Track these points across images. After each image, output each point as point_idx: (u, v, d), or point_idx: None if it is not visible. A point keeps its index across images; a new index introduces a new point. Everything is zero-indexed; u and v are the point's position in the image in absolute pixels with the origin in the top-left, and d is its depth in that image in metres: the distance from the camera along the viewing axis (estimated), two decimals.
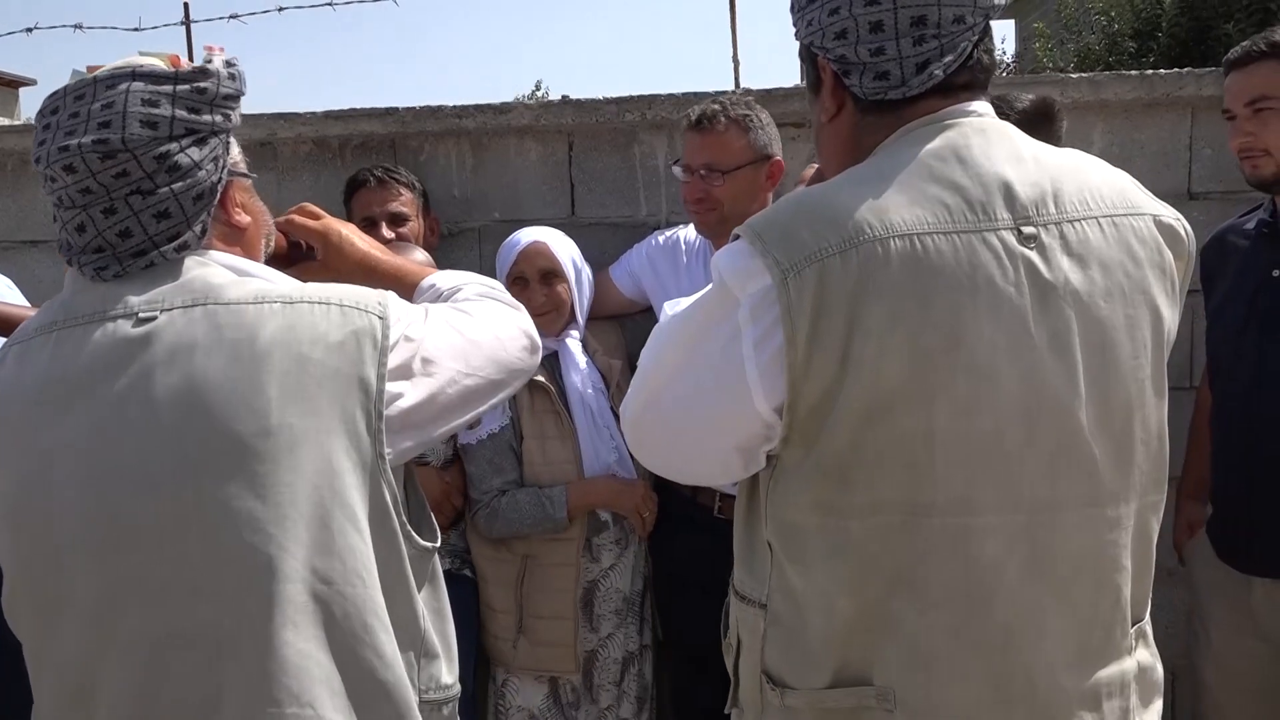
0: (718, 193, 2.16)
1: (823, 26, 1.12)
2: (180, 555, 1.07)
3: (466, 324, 1.25)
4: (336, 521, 1.09)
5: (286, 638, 1.06)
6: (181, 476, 1.06)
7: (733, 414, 1.10)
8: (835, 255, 1.02)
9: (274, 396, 1.07)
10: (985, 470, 1.05)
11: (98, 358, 1.10)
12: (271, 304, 1.11)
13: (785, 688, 1.13)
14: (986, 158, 1.09)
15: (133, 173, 1.10)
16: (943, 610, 1.07)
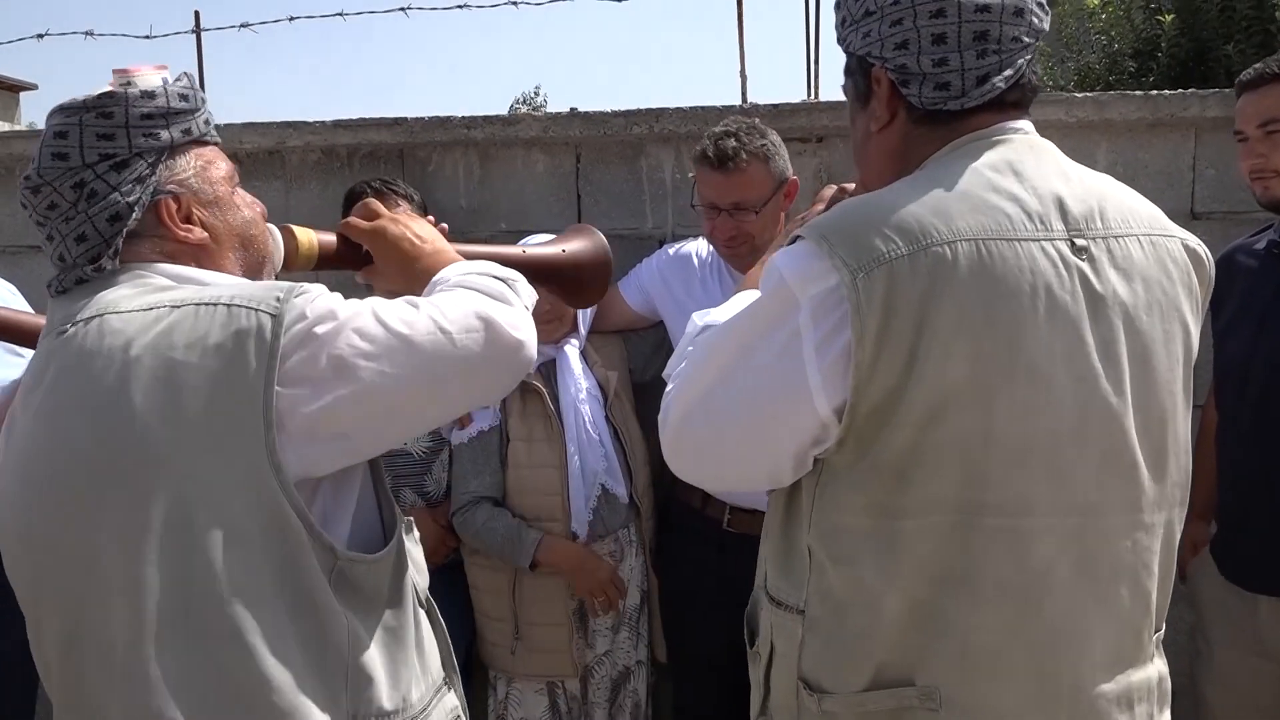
0: (749, 228, 2.17)
1: (883, 37, 1.15)
2: (70, 563, 1.08)
3: (403, 316, 1.15)
4: (211, 535, 1.06)
5: (149, 654, 1.05)
6: (64, 487, 1.08)
7: (790, 416, 1.10)
8: (904, 258, 1.05)
9: (139, 405, 1.06)
10: (1040, 472, 1.08)
11: (34, 370, 1.16)
12: (160, 309, 1.10)
13: (823, 693, 1.14)
14: (1039, 173, 1.14)
15: (59, 203, 1.16)
16: (994, 609, 1.09)
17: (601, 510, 2.30)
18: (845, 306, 1.05)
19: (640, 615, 2.39)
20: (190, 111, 1.20)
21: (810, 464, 1.14)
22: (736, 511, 2.29)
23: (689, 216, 2.61)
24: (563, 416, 2.27)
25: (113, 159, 1.15)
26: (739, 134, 2.14)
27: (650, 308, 2.42)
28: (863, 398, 1.06)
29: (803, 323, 1.07)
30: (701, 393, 1.16)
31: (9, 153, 2.67)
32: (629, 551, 2.35)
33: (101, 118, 1.15)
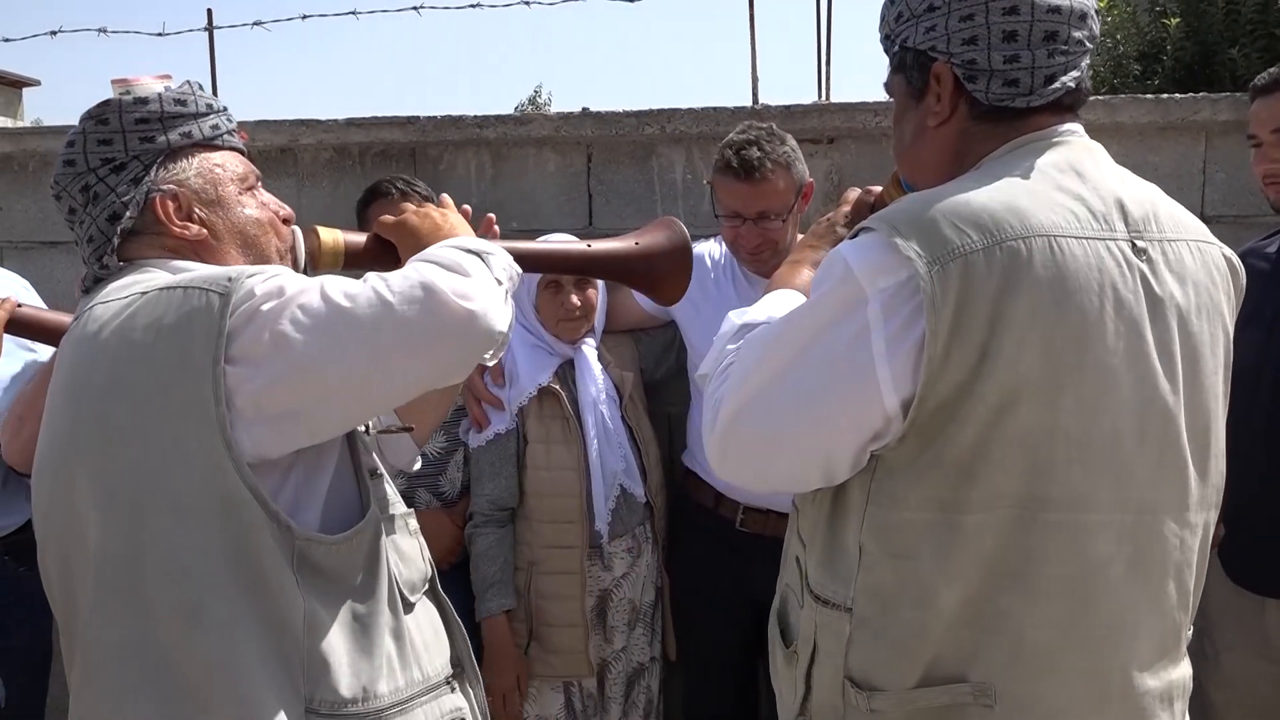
0: (774, 235, 2.18)
1: (950, 32, 1.16)
2: (47, 544, 1.21)
3: (346, 290, 1.11)
4: (162, 514, 1.08)
5: (97, 622, 1.11)
6: (57, 465, 1.18)
7: (856, 411, 1.10)
8: (979, 251, 1.06)
9: (102, 386, 1.13)
10: (1102, 469, 1.09)
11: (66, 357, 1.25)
12: (133, 296, 1.15)
13: (873, 690, 1.14)
14: (1100, 174, 1.16)
15: (75, 208, 1.25)
16: (1052, 605, 1.10)
17: (620, 510, 2.31)
18: (918, 299, 1.06)
19: (655, 613, 2.40)
20: (190, 116, 1.26)
21: (865, 461, 1.14)
22: (750, 511, 2.29)
23: (700, 217, 2.62)
24: (582, 417, 2.27)
25: (112, 162, 1.23)
26: (760, 142, 2.14)
27: (660, 309, 2.42)
28: (931, 392, 1.06)
29: (872, 316, 1.07)
30: (756, 390, 1.15)
31: (21, 149, 2.68)
32: (645, 549, 2.36)
33: (100, 124, 1.24)
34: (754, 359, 1.17)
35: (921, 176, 1.25)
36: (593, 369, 2.32)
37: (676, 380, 2.55)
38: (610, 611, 2.32)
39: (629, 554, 2.33)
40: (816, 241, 1.48)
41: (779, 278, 1.43)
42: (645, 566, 2.36)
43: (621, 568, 2.33)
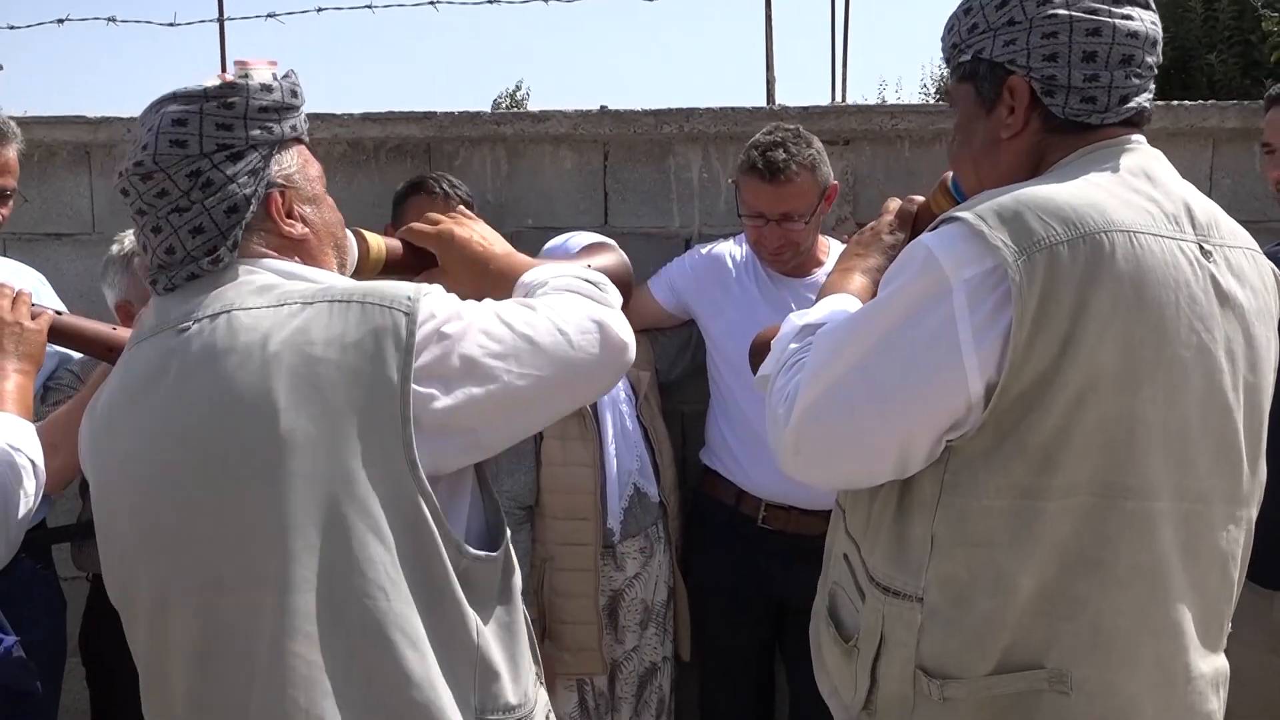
0: (797, 236, 2.21)
1: (1031, 47, 1.20)
2: (207, 561, 1.08)
3: (524, 318, 1.17)
4: (355, 531, 1.06)
5: (295, 649, 1.05)
6: (202, 482, 1.08)
7: (941, 400, 1.12)
8: (1063, 244, 1.09)
9: (282, 400, 1.06)
10: (1171, 458, 1.13)
11: (149, 368, 1.14)
12: (291, 305, 1.11)
13: (946, 679, 1.15)
14: (1168, 179, 1.20)
15: (170, 191, 1.14)
16: (1128, 592, 1.13)
17: (634, 509, 2.31)
18: (1004, 288, 1.08)
19: (667, 612, 2.41)
20: (298, 108, 1.22)
21: (939, 451, 1.16)
22: (772, 508, 2.31)
23: (716, 216, 2.64)
24: (599, 415, 2.28)
25: (229, 149, 1.15)
26: (787, 144, 2.16)
27: (680, 306, 2.44)
28: (1014, 380, 1.09)
29: (957, 304, 1.10)
30: (831, 384, 1.16)
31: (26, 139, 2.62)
32: (657, 549, 2.37)
33: (223, 108, 1.14)
34: (829, 351, 1.18)
35: (992, 183, 1.26)
36: None
37: (691, 379, 2.56)
38: (622, 611, 2.33)
39: (641, 554, 2.34)
40: (863, 250, 1.50)
41: (831, 284, 1.45)
42: (658, 566, 2.36)
43: (634, 567, 2.33)
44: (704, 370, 2.48)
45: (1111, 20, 1.18)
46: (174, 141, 1.13)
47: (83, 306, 2.60)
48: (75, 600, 2.20)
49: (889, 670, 1.21)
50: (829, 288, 1.44)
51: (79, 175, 2.70)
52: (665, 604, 2.40)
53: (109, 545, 1.17)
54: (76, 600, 2.21)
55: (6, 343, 1.50)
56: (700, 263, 2.41)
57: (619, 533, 2.28)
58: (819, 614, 1.42)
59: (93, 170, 2.69)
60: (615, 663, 2.33)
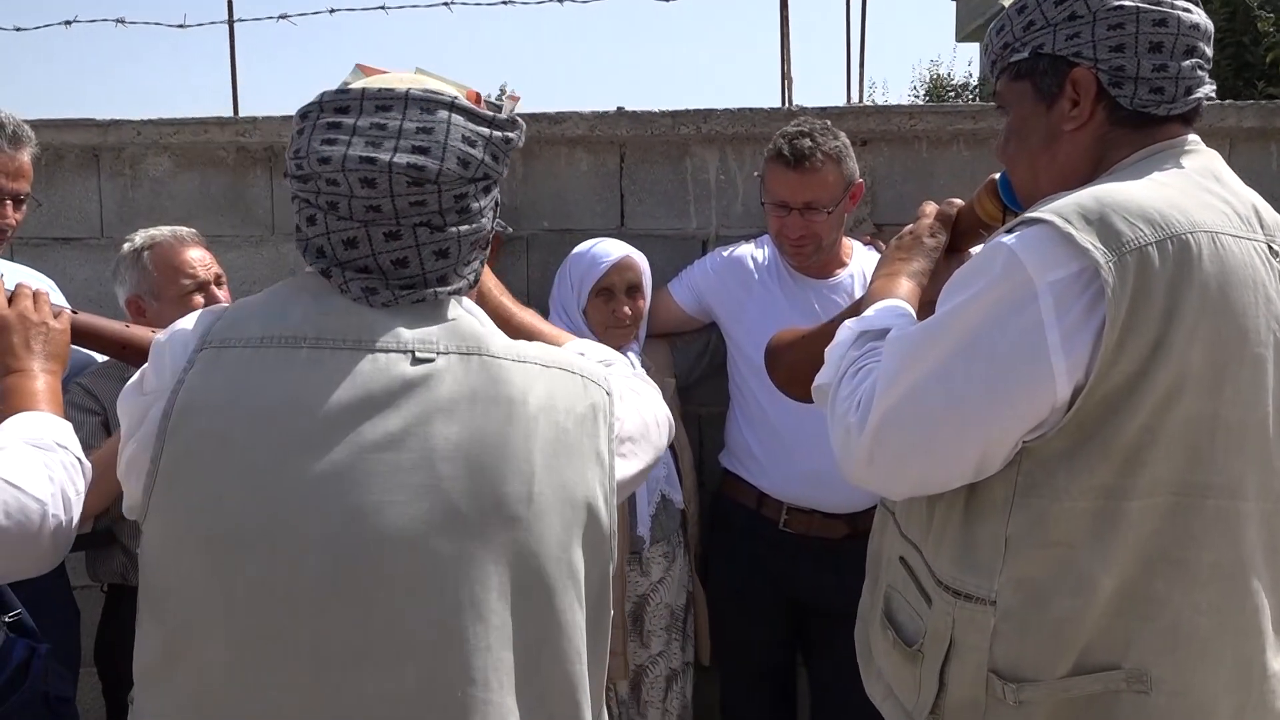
0: (819, 228, 2.19)
1: (1097, 39, 1.21)
2: (428, 611, 1.01)
3: (643, 406, 1.23)
4: (567, 596, 1.06)
5: (505, 705, 1.03)
6: (446, 530, 1.01)
7: (1027, 403, 1.11)
8: (1152, 245, 1.09)
9: (538, 462, 1.05)
10: (1253, 457, 1.13)
11: (369, 390, 1.03)
12: (530, 365, 1.09)
13: (1021, 681, 1.15)
14: (1234, 181, 1.21)
15: (430, 204, 1.05)
16: (1209, 591, 1.13)
17: (660, 516, 2.30)
18: (1092, 291, 1.08)
19: (687, 618, 2.39)
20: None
21: (1014, 453, 1.15)
22: (794, 511, 2.30)
23: (733, 217, 2.63)
24: None
25: (487, 180, 1.09)
26: (814, 134, 2.16)
27: (701, 309, 2.42)
28: (1102, 382, 1.09)
29: (1045, 308, 1.09)
30: (908, 391, 1.15)
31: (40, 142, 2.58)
32: (678, 554, 2.36)
33: (504, 140, 1.10)
34: (905, 357, 1.17)
35: (1050, 180, 1.26)
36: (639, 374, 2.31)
37: (709, 382, 2.55)
38: (647, 617, 2.32)
39: (665, 559, 2.33)
40: (905, 254, 1.49)
41: (877, 289, 1.43)
42: (679, 570, 2.36)
43: (658, 573, 2.32)
44: (722, 372, 2.47)
45: (1176, 12, 1.20)
46: (461, 160, 1.06)
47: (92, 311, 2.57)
48: (87, 610, 2.16)
49: (959, 674, 1.19)
50: (875, 293, 1.42)
51: (87, 178, 2.66)
52: (685, 609, 2.39)
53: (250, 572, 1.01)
54: (88, 610, 2.17)
55: (34, 343, 1.45)
56: (721, 264, 2.40)
57: (648, 540, 2.26)
58: (868, 618, 1.41)
59: (101, 173, 2.66)
60: (640, 668, 2.32)
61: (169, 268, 2.06)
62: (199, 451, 1.02)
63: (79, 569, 2.14)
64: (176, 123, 2.59)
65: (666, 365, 2.43)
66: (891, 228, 2.60)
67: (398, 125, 1.05)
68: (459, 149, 1.05)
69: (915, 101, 12.71)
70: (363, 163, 1.02)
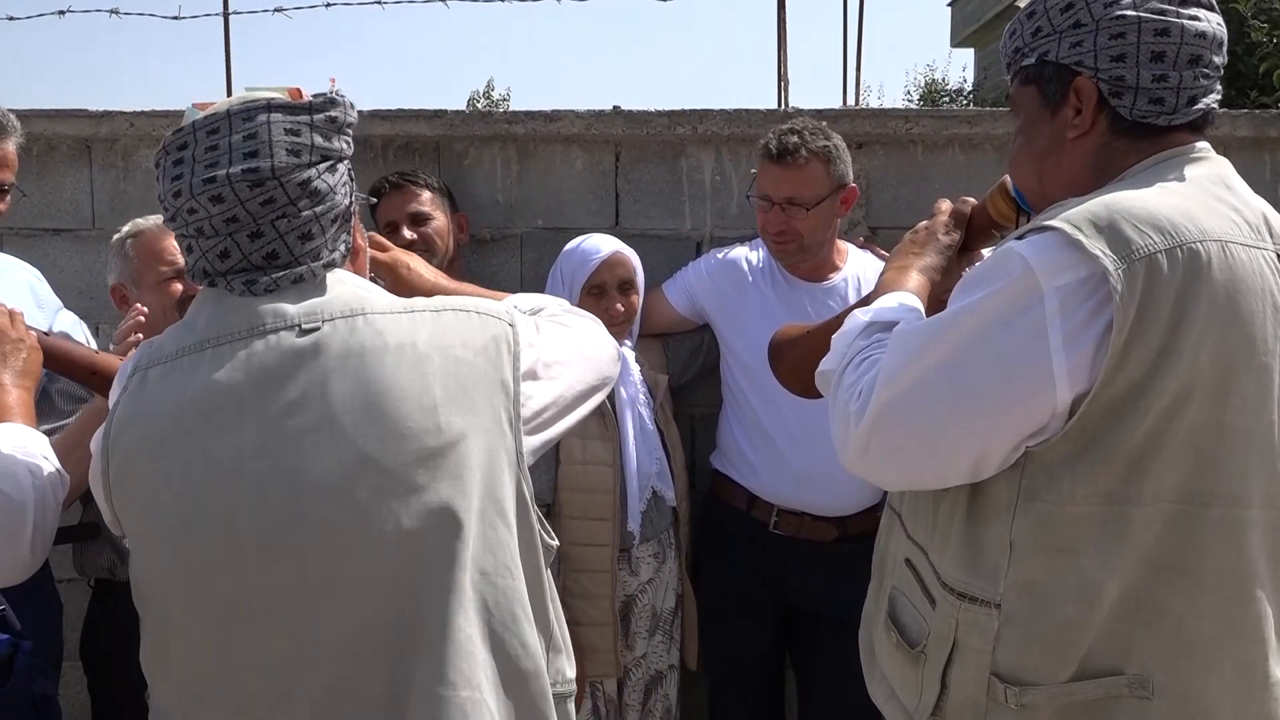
0: (799, 225, 2.19)
1: (1098, 49, 1.20)
2: (362, 550, 1.10)
3: (569, 334, 1.33)
4: (490, 515, 1.15)
5: (459, 623, 1.11)
6: (362, 474, 1.11)
7: (1026, 405, 1.11)
8: (1161, 253, 1.09)
9: (439, 396, 1.13)
10: (1258, 465, 1.13)
11: (265, 368, 1.13)
12: (421, 312, 1.18)
13: (1024, 685, 1.15)
14: (1244, 188, 1.21)
15: (278, 199, 1.15)
16: (1212, 598, 1.13)
17: (651, 512, 2.30)
18: (1098, 296, 1.08)
19: (674, 620, 2.38)
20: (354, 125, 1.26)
21: (1014, 458, 1.15)
22: (784, 513, 2.30)
23: (728, 218, 2.62)
24: (619, 415, 2.26)
25: (329, 161, 1.18)
26: (803, 132, 2.17)
27: (695, 311, 2.42)
28: (1106, 389, 1.09)
29: (1049, 311, 1.09)
30: (912, 383, 1.15)
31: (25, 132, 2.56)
32: (669, 555, 2.35)
33: (327, 121, 1.18)
34: (910, 351, 1.17)
35: (1055, 187, 1.27)
36: (631, 370, 2.31)
37: (702, 383, 2.55)
38: (633, 618, 2.31)
39: (655, 559, 2.32)
40: (919, 249, 1.49)
41: (887, 281, 1.44)
42: (668, 573, 2.35)
43: (647, 573, 2.31)
44: (715, 374, 2.46)
45: (1180, 21, 1.18)
46: (290, 150, 1.15)
47: (82, 302, 2.56)
48: (70, 603, 2.15)
49: (961, 676, 1.20)
50: (884, 285, 1.43)
51: (79, 170, 2.64)
52: (673, 611, 2.38)
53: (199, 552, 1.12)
54: (71, 603, 2.16)
55: (9, 359, 1.48)
56: (716, 266, 2.39)
57: (638, 536, 2.25)
58: (873, 620, 1.41)
59: (93, 165, 2.64)
60: (625, 669, 2.31)
61: (148, 255, 2.08)
62: (134, 458, 1.14)
63: (65, 562, 2.13)
64: (170, 115, 2.57)
65: (660, 364, 2.42)
66: (886, 231, 2.61)
67: (227, 141, 1.15)
68: (285, 141, 1.15)
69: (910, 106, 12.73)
70: (206, 184, 1.14)
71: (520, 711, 1.16)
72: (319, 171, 1.16)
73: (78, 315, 2.28)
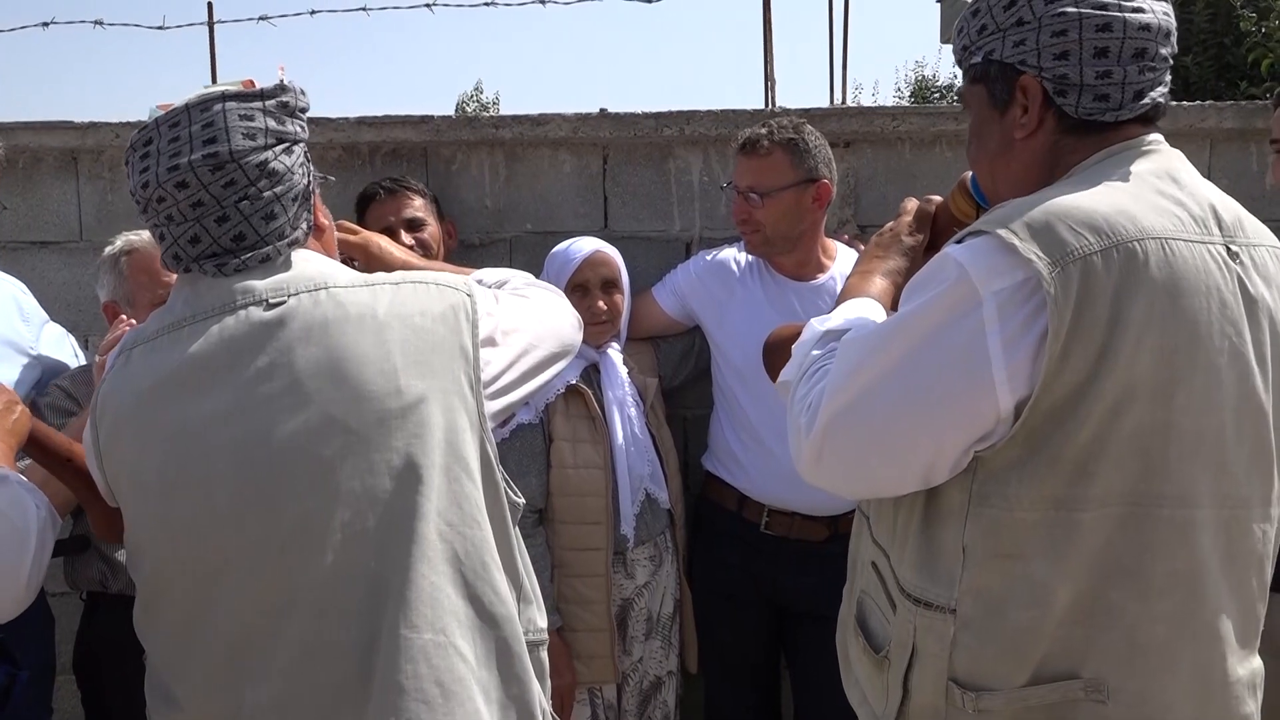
0: (759, 215, 2.20)
1: (1041, 46, 1.18)
2: (331, 505, 1.17)
3: (528, 304, 1.42)
4: (454, 470, 1.21)
5: (423, 571, 1.17)
6: (328, 434, 1.18)
7: (969, 412, 1.11)
8: (1097, 254, 1.08)
9: (399, 361, 1.21)
10: (1207, 465, 1.12)
11: (235, 340, 1.21)
12: (381, 285, 1.26)
13: (981, 690, 1.14)
14: (1193, 181, 1.19)
15: (239, 181, 1.22)
16: (1165, 600, 1.12)
17: (645, 515, 2.29)
18: (1035, 301, 1.07)
19: (673, 625, 2.38)
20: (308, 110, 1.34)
21: (965, 463, 1.15)
22: (775, 514, 2.29)
23: (716, 219, 2.62)
24: (609, 419, 2.25)
25: (284, 143, 1.25)
26: (774, 125, 2.20)
27: (684, 313, 2.42)
28: (1047, 393, 1.08)
29: (987, 316, 1.09)
30: (860, 391, 1.15)
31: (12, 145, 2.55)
32: (665, 558, 2.35)
33: (279, 106, 1.26)
34: (856, 360, 1.17)
35: (1007, 185, 1.26)
36: (619, 372, 2.30)
37: (694, 385, 2.54)
38: (630, 623, 2.31)
39: (651, 562, 2.31)
40: (883, 252, 1.48)
41: (851, 287, 1.44)
42: (665, 576, 2.34)
43: (643, 576, 2.31)
44: (707, 375, 2.46)
45: (1122, 15, 1.16)
46: (246, 135, 1.22)
47: (70, 315, 2.55)
48: (62, 617, 2.14)
49: (921, 682, 1.20)
50: (849, 291, 1.42)
51: (65, 181, 2.63)
52: (671, 616, 2.37)
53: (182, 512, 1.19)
54: (63, 617, 2.15)
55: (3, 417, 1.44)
56: (704, 268, 2.39)
57: (632, 538, 2.25)
58: (846, 623, 1.41)
59: (80, 176, 2.63)
60: (623, 674, 2.30)
61: (144, 274, 2.04)
62: (119, 427, 1.23)
63: (56, 576, 2.12)
64: None
65: (650, 367, 2.42)
66: (875, 229, 2.60)
67: (187, 131, 1.22)
68: (240, 126, 1.22)
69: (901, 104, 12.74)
70: (171, 171, 1.21)
71: (497, 654, 1.22)
72: (275, 154, 1.24)
73: (65, 328, 2.27)
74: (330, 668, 1.16)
